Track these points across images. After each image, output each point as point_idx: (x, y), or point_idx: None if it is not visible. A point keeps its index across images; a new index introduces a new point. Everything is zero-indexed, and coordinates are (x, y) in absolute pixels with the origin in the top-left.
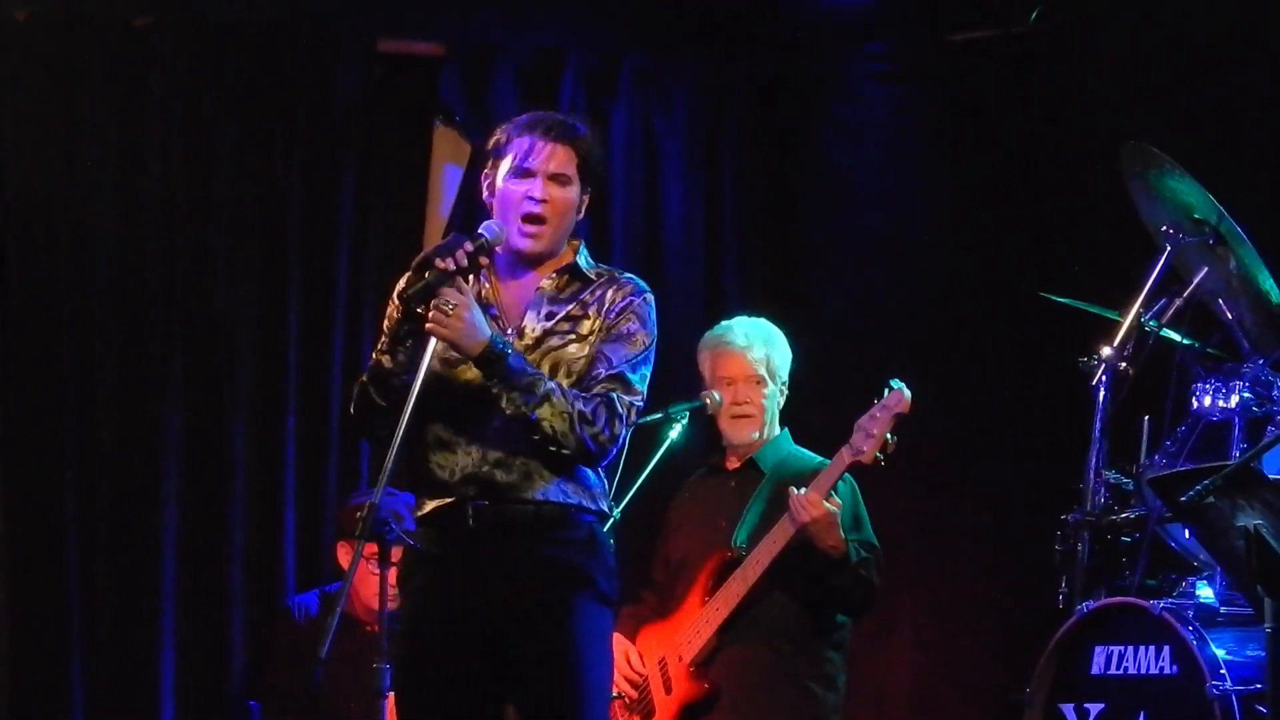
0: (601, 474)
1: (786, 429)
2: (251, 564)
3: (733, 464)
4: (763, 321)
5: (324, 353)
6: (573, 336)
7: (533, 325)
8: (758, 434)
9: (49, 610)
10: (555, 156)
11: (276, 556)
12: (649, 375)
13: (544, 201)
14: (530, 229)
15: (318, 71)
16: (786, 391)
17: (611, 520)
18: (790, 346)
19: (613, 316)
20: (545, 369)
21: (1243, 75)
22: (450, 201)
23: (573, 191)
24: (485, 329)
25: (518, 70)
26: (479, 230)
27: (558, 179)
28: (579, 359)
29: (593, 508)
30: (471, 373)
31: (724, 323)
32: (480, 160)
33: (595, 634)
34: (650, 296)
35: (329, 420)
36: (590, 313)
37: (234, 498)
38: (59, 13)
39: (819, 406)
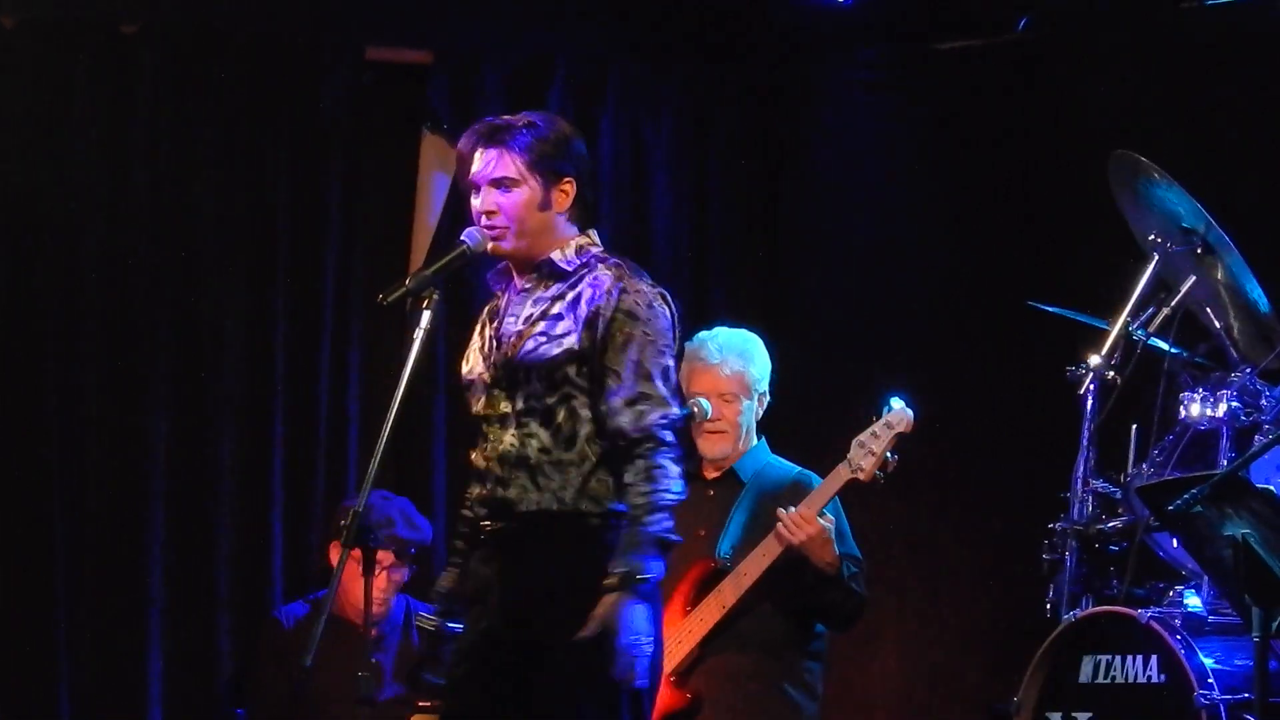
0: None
1: (764, 438)
2: (239, 571)
3: (711, 474)
4: (740, 333)
5: (311, 360)
6: (544, 339)
7: (510, 332)
8: (731, 449)
9: (35, 616)
10: (491, 162)
11: (264, 563)
12: (669, 359)
13: (489, 212)
14: (489, 233)
15: (306, 79)
16: (767, 400)
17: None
18: (773, 354)
19: (600, 322)
20: (520, 376)
21: (1231, 84)
22: (438, 209)
23: (522, 193)
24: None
25: (506, 78)
26: (461, 237)
27: (499, 184)
28: (551, 360)
29: (596, 510)
30: (480, 401)
31: (700, 334)
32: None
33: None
34: (632, 281)
35: (317, 427)
36: (564, 310)
37: (221, 504)
38: (47, 20)
39: (805, 416)
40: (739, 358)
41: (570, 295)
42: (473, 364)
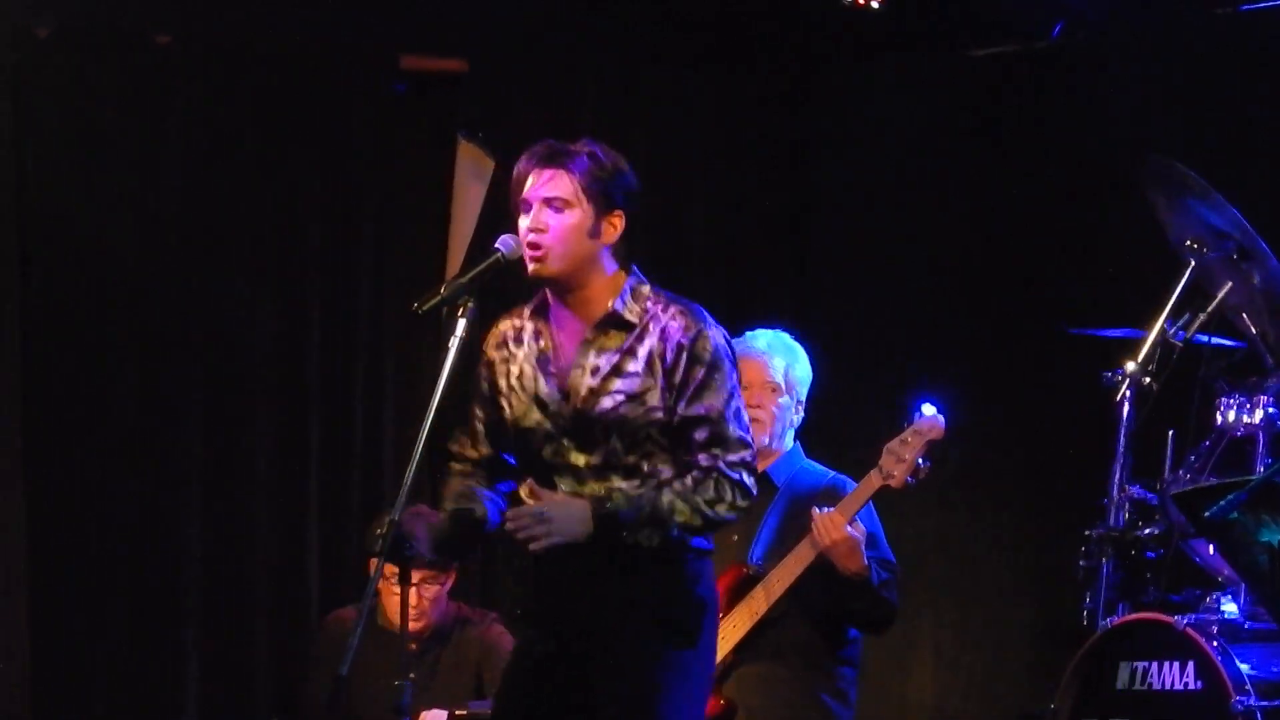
0: None
1: (799, 443)
2: (275, 581)
3: None
4: (787, 336)
5: (346, 370)
6: (623, 397)
7: (579, 386)
8: (766, 440)
9: (72, 625)
10: (547, 182)
11: (300, 573)
12: (742, 407)
13: (537, 230)
14: (532, 254)
15: (340, 87)
16: (803, 410)
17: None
18: (810, 364)
19: (678, 374)
20: (596, 432)
21: (1266, 91)
22: (474, 217)
23: (573, 216)
24: (577, 509)
25: (539, 85)
26: (496, 245)
27: (552, 204)
28: (632, 420)
29: (679, 553)
30: (546, 449)
31: (750, 332)
32: (502, 178)
33: (658, 671)
34: (702, 328)
35: (352, 438)
36: (640, 367)
37: (257, 514)
38: (82, 29)
39: (835, 421)
40: (785, 355)
41: (641, 350)
42: (520, 410)
